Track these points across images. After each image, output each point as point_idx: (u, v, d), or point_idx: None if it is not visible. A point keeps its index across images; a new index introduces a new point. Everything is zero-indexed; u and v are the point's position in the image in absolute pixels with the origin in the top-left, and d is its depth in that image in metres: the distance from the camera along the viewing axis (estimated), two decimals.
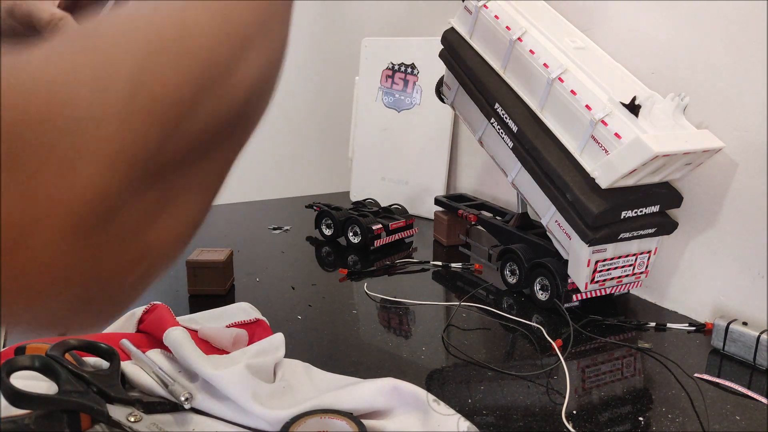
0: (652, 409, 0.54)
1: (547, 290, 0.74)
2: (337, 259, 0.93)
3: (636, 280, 0.75)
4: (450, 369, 0.60)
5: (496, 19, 0.76)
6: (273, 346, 0.57)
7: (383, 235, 0.94)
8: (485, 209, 0.95)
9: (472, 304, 0.75)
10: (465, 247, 0.95)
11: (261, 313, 0.65)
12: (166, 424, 0.48)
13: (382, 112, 1.19)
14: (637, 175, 0.63)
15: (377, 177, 1.21)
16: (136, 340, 0.58)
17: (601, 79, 0.67)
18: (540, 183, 0.71)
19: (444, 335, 0.67)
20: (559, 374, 0.59)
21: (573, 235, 0.68)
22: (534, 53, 0.71)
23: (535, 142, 0.71)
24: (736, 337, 0.62)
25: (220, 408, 0.50)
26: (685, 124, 0.67)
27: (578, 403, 0.55)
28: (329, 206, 1.00)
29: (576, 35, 0.76)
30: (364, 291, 0.78)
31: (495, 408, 0.53)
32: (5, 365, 0.44)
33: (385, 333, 0.68)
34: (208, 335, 0.60)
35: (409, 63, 1.15)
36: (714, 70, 0.68)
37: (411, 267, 0.89)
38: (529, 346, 0.65)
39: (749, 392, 0.56)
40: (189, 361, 0.52)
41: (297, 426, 0.45)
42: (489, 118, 0.78)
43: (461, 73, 0.82)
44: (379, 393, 0.49)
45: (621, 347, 0.65)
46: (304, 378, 0.54)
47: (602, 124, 0.63)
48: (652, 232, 0.69)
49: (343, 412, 0.47)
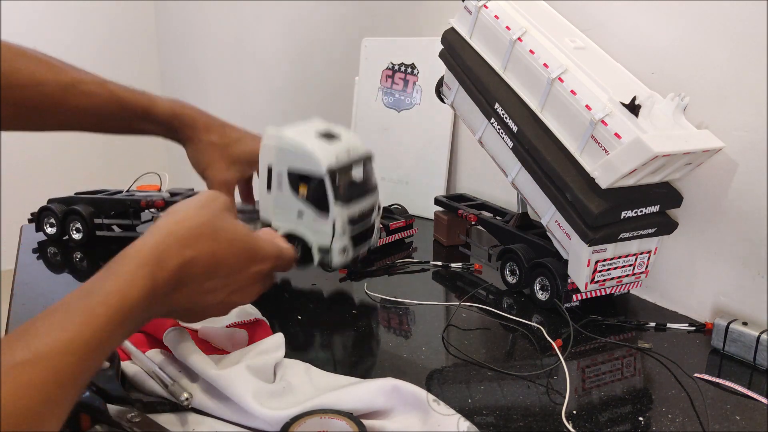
0: (652, 409, 0.54)
1: (547, 290, 0.74)
2: None
3: (636, 280, 0.75)
4: (450, 369, 0.60)
5: (496, 19, 0.76)
6: (273, 346, 0.57)
7: (383, 235, 0.94)
8: (485, 209, 0.95)
9: (472, 304, 0.75)
10: (465, 247, 0.95)
11: (261, 314, 0.65)
12: (166, 424, 0.48)
13: (382, 112, 1.19)
14: (637, 175, 0.63)
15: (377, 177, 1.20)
16: (136, 340, 0.58)
17: (601, 79, 0.67)
18: (540, 183, 0.71)
19: (444, 335, 0.67)
20: (559, 374, 0.59)
21: (573, 235, 0.68)
22: (534, 53, 0.71)
23: (535, 142, 0.71)
24: (736, 337, 0.62)
25: (220, 408, 0.50)
26: (685, 124, 0.67)
27: (578, 403, 0.55)
28: None
29: (576, 35, 0.76)
30: (364, 291, 0.78)
31: (495, 408, 0.53)
32: None
33: (385, 333, 0.68)
34: (208, 335, 0.60)
35: (409, 63, 1.15)
36: (714, 71, 0.68)
37: (411, 267, 0.89)
38: (529, 346, 0.65)
39: (749, 392, 0.56)
40: (189, 361, 0.52)
41: (297, 426, 0.45)
42: (489, 118, 0.78)
43: (461, 73, 0.82)
44: (379, 393, 0.49)
45: (621, 347, 0.65)
46: (304, 378, 0.54)
47: (602, 124, 0.63)
48: (652, 232, 0.69)
49: (343, 412, 0.47)
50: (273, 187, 0.67)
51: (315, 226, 0.66)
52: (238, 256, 0.50)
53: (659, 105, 0.66)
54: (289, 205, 0.67)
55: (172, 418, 0.49)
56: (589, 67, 0.68)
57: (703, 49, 0.69)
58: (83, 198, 0.93)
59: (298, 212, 0.66)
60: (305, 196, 0.65)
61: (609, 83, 0.67)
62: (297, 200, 0.66)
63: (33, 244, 0.92)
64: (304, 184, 0.65)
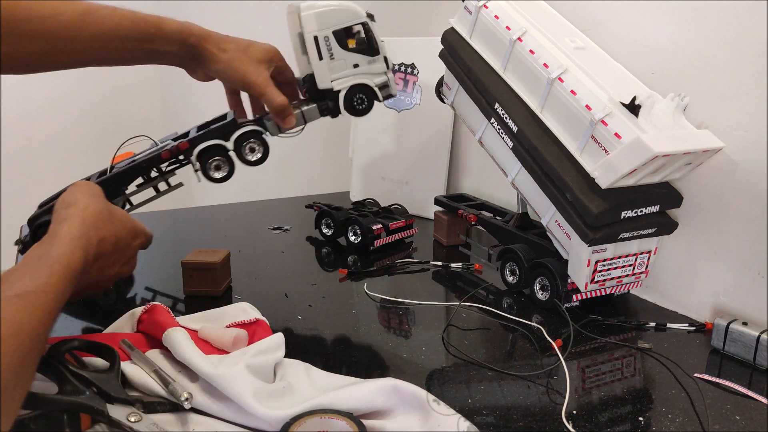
0: (652, 409, 0.54)
1: (547, 290, 0.74)
2: (337, 259, 0.93)
3: (636, 280, 0.75)
4: (450, 369, 0.60)
5: (496, 19, 0.76)
6: (273, 346, 0.57)
7: (383, 235, 0.94)
8: (485, 209, 0.95)
9: (472, 304, 0.75)
10: (465, 247, 0.95)
11: (261, 313, 0.65)
12: (166, 424, 0.48)
13: (382, 112, 1.19)
14: (637, 175, 0.63)
15: (377, 177, 1.21)
16: (136, 340, 0.58)
17: (601, 79, 0.67)
18: (540, 183, 0.71)
19: (444, 335, 0.67)
20: (559, 374, 0.59)
21: (573, 235, 0.68)
22: (534, 53, 0.71)
23: (535, 142, 0.71)
24: (736, 337, 0.62)
25: (220, 408, 0.50)
26: (685, 124, 0.67)
27: (578, 403, 0.55)
28: (329, 206, 1.00)
29: (576, 35, 0.76)
30: (364, 291, 0.78)
31: (495, 408, 0.53)
32: None
33: (385, 333, 0.68)
34: (208, 335, 0.60)
35: (409, 63, 1.15)
36: (714, 71, 0.68)
37: (411, 267, 0.89)
38: (529, 346, 0.65)
39: (749, 392, 0.56)
40: (189, 361, 0.52)
41: (297, 426, 0.45)
42: (489, 118, 0.78)
43: (461, 73, 0.82)
44: (379, 393, 0.49)
45: (621, 347, 0.65)
46: (304, 378, 0.54)
47: (602, 124, 0.63)
48: (652, 232, 0.69)
49: (343, 412, 0.47)
50: (323, 53, 0.79)
51: (370, 68, 0.81)
52: (128, 233, 0.64)
53: (659, 105, 0.66)
54: (344, 62, 0.80)
55: (172, 418, 0.49)
56: (589, 67, 0.68)
57: (703, 49, 0.69)
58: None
59: (353, 65, 0.80)
60: (354, 47, 0.80)
61: (609, 83, 0.67)
62: (349, 54, 0.80)
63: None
64: (351, 39, 0.79)
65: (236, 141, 0.78)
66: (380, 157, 1.20)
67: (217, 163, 0.78)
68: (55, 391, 0.47)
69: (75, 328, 0.67)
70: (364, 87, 0.81)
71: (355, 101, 0.81)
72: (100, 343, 0.53)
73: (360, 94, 0.81)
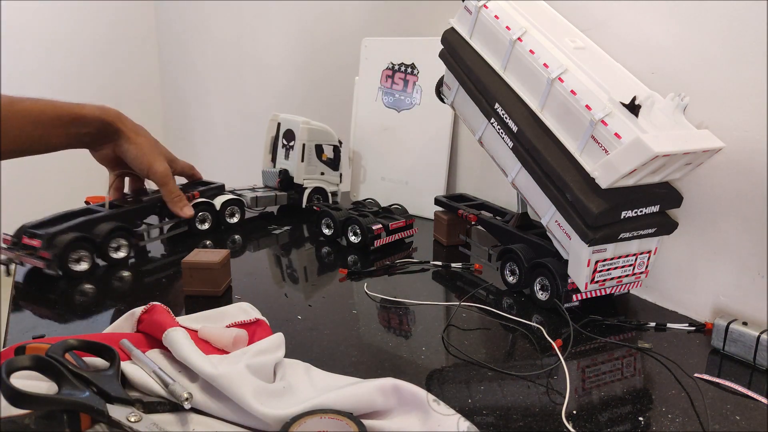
0: (652, 409, 0.54)
1: (547, 290, 0.74)
2: (337, 259, 0.93)
3: (636, 280, 0.75)
4: (450, 369, 0.60)
5: (496, 19, 0.76)
6: (273, 346, 0.57)
7: (383, 235, 0.94)
8: (485, 209, 0.95)
9: (472, 304, 0.75)
10: (465, 247, 0.95)
11: (261, 313, 0.65)
12: (166, 424, 0.48)
13: (382, 112, 1.19)
14: (637, 175, 0.63)
15: (377, 177, 1.21)
16: (136, 340, 0.58)
17: (601, 79, 0.67)
18: (540, 183, 0.71)
19: (444, 335, 0.67)
20: (559, 374, 0.59)
21: (573, 235, 0.68)
22: (534, 53, 0.71)
23: (535, 142, 0.71)
24: (736, 337, 0.62)
25: (220, 408, 0.50)
26: (685, 124, 0.67)
27: (578, 403, 0.55)
28: (329, 206, 1.00)
29: (576, 35, 0.76)
30: (364, 291, 0.78)
31: (495, 408, 0.53)
32: (5, 365, 0.44)
33: (385, 333, 0.68)
34: (208, 335, 0.60)
35: (409, 63, 1.15)
36: (714, 71, 0.68)
37: (411, 267, 0.89)
38: (529, 346, 0.65)
39: (749, 392, 0.56)
40: (189, 361, 0.52)
41: (297, 426, 0.45)
42: (489, 118, 0.78)
43: (461, 73, 0.82)
44: (379, 393, 0.49)
45: (621, 347, 0.65)
46: (304, 378, 0.54)
47: (602, 124, 0.63)
48: (652, 232, 0.69)
49: (343, 412, 0.47)
50: (305, 158, 1.11)
51: (330, 179, 1.16)
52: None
53: (659, 105, 0.66)
54: (315, 168, 1.13)
55: (172, 418, 0.49)
56: (589, 67, 0.68)
57: (703, 49, 0.69)
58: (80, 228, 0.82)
59: (320, 172, 1.14)
60: (324, 160, 1.14)
61: (609, 83, 0.67)
62: (320, 163, 1.13)
63: None
64: (323, 153, 1.13)
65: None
66: (380, 157, 1.20)
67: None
68: (55, 391, 0.47)
69: (75, 328, 0.67)
70: (322, 190, 1.15)
71: (314, 198, 1.14)
72: (100, 343, 0.53)
73: (318, 195, 1.14)
